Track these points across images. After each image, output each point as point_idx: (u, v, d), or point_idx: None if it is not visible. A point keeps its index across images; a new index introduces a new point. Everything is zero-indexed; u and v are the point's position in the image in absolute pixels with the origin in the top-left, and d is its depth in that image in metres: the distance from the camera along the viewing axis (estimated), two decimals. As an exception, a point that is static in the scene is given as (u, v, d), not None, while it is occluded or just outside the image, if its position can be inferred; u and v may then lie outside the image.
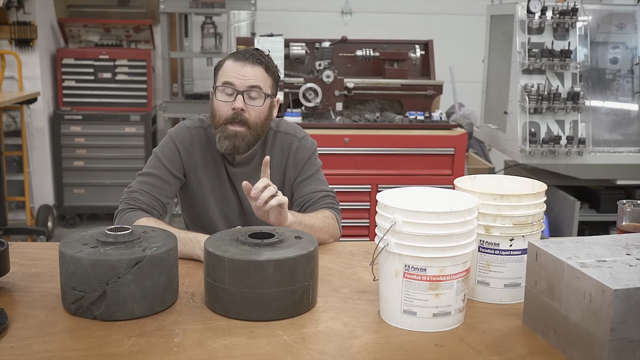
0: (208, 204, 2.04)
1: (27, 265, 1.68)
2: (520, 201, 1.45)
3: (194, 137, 2.02)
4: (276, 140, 2.06)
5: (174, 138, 2.01)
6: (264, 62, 1.95)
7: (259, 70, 1.93)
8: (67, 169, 5.05)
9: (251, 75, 1.91)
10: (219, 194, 2.05)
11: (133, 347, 1.24)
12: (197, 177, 2.02)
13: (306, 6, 5.62)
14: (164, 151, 1.99)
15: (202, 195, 2.04)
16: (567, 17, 3.55)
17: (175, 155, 1.99)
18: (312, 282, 1.43)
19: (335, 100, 3.81)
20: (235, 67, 1.92)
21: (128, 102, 5.12)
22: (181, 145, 2.00)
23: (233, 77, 1.91)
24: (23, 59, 4.78)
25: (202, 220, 2.07)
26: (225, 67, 1.95)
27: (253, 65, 1.92)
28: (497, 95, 4.06)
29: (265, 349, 1.26)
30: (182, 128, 2.03)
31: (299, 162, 2.06)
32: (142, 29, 5.24)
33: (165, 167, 1.97)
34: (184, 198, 2.10)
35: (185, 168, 2.01)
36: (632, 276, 1.16)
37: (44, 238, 4.58)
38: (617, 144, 3.70)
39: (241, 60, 1.93)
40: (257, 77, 1.92)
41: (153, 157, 2.00)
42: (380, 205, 1.36)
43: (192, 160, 2.01)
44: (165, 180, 1.96)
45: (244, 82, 1.91)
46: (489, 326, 1.38)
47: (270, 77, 1.96)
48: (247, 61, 1.92)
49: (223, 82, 1.93)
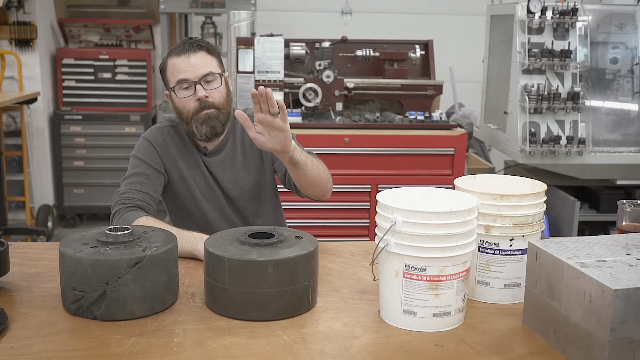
0: (195, 195, 2.07)
1: (27, 265, 1.68)
2: (520, 201, 1.45)
3: (166, 135, 2.07)
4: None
5: (148, 138, 2.06)
6: (203, 45, 1.99)
7: (203, 55, 1.97)
8: (67, 169, 5.05)
9: (199, 63, 1.95)
10: (203, 184, 2.08)
11: (133, 347, 1.24)
12: (179, 171, 2.06)
13: (306, 6, 5.62)
14: (141, 151, 2.04)
15: (188, 188, 2.06)
16: (567, 17, 3.55)
17: (154, 153, 2.03)
18: (312, 282, 1.43)
19: (335, 100, 3.80)
20: (181, 61, 1.96)
21: (128, 102, 5.12)
22: (156, 143, 2.04)
23: (184, 71, 1.95)
24: (23, 59, 4.78)
25: (193, 215, 2.09)
26: (172, 65, 1.98)
27: (196, 53, 1.96)
28: (497, 95, 4.06)
29: (265, 349, 1.26)
30: (154, 129, 2.10)
31: None
32: (142, 29, 5.24)
33: (147, 164, 2.01)
34: (171, 199, 2.11)
35: (165, 164, 2.04)
36: (632, 276, 1.16)
37: (44, 238, 4.58)
38: (617, 144, 3.70)
39: (184, 53, 1.96)
40: (205, 63, 1.96)
41: (132, 159, 2.04)
42: (380, 205, 1.36)
43: (170, 156, 2.05)
44: (151, 175, 2.00)
45: (196, 72, 1.95)
46: (489, 326, 1.38)
47: (214, 57, 2.01)
48: (190, 51, 1.96)
49: (177, 81, 1.96)
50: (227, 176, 2.08)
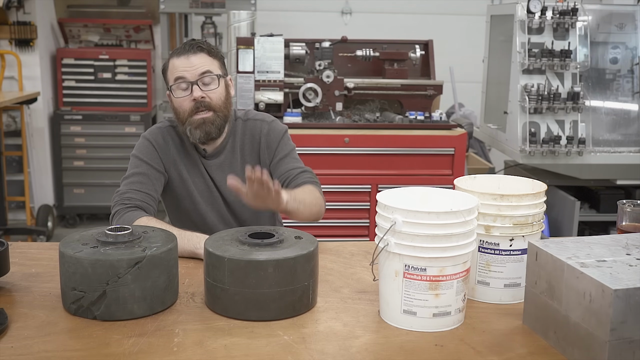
0: (194, 196, 2.07)
1: (27, 265, 1.68)
2: (520, 201, 1.45)
3: (166, 135, 2.07)
4: (246, 128, 2.10)
5: (148, 138, 2.06)
6: (204, 47, 2.00)
7: (203, 56, 1.98)
8: (67, 169, 5.05)
9: (198, 63, 1.96)
10: (202, 186, 2.08)
11: (133, 347, 1.24)
12: (178, 171, 2.06)
13: (306, 6, 5.62)
14: (141, 151, 2.03)
15: (186, 189, 2.06)
16: (567, 17, 3.55)
17: (154, 152, 2.03)
18: (312, 282, 1.43)
19: (335, 100, 3.80)
20: (180, 61, 1.97)
21: (128, 102, 5.12)
22: (156, 143, 2.04)
23: (182, 71, 1.96)
24: (23, 59, 4.77)
25: (191, 216, 2.08)
26: (172, 65, 1.99)
27: (196, 54, 1.97)
28: (497, 95, 4.06)
29: (265, 349, 1.26)
30: (154, 129, 2.09)
31: (271, 143, 2.08)
32: (142, 29, 5.24)
33: (148, 163, 2.01)
34: (170, 199, 2.11)
35: (165, 164, 2.04)
36: (632, 276, 1.16)
37: (44, 238, 4.58)
38: (617, 144, 3.70)
39: (184, 53, 1.97)
40: (203, 63, 1.97)
41: (133, 159, 2.04)
42: (380, 205, 1.36)
43: (170, 157, 2.05)
44: (151, 175, 2.00)
45: (194, 72, 1.95)
46: (489, 326, 1.38)
47: (215, 59, 2.01)
48: (190, 52, 1.97)
49: (175, 79, 1.97)
50: (226, 179, 2.08)
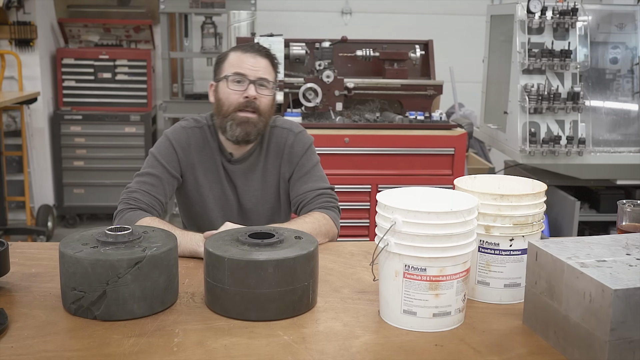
0: (206, 203, 2.05)
1: (27, 265, 1.68)
2: (520, 201, 1.45)
3: (190, 136, 2.04)
4: (272, 135, 2.09)
5: (170, 138, 2.03)
6: (271, 55, 2.03)
7: (266, 63, 2.01)
8: (67, 169, 5.05)
9: (261, 67, 1.99)
10: (218, 193, 2.05)
11: (133, 347, 1.24)
12: (194, 176, 2.03)
13: (306, 6, 5.62)
14: (160, 151, 2.01)
15: (200, 195, 2.04)
16: (567, 17, 3.55)
17: (172, 155, 2.01)
18: (312, 282, 1.43)
19: (335, 100, 3.81)
20: (244, 58, 1.98)
21: (128, 102, 5.12)
22: (178, 144, 2.02)
23: (244, 67, 1.97)
24: (23, 59, 4.77)
25: (201, 220, 2.07)
26: (232, 58, 1.99)
27: (262, 58, 2.00)
28: (497, 95, 4.06)
29: (265, 349, 1.26)
30: (178, 128, 2.06)
31: (294, 158, 2.07)
32: (142, 29, 5.24)
33: (163, 166, 1.98)
34: (182, 199, 2.10)
35: (182, 167, 2.02)
36: (632, 276, 1.16)
37: (44, 238, 4.58)
38: (617, 144, 3.70)
39: (250, 52, 1.99)
40: (265, 69, 2.00)
41: (150, 157, 2.01)
42: (380, 205, 1.36)
43: (189, 160, 2.03)
44: (164, 179, 1.97)
45: (255, 73, 1.97)
46: (489, 326, 1.38)
47: (274, 70, 2.04)
48: (257, 53, 2.00)
49: (234, 72, 1.97)
50: (247, 186, 2.06)
